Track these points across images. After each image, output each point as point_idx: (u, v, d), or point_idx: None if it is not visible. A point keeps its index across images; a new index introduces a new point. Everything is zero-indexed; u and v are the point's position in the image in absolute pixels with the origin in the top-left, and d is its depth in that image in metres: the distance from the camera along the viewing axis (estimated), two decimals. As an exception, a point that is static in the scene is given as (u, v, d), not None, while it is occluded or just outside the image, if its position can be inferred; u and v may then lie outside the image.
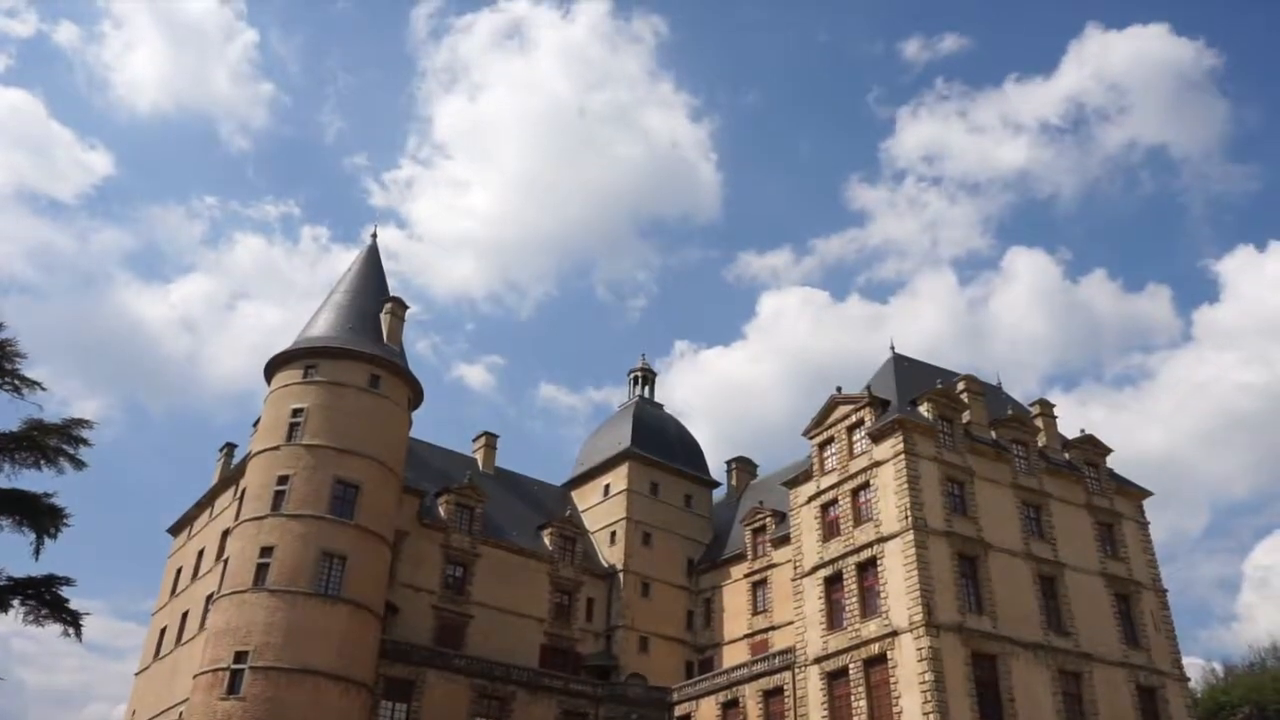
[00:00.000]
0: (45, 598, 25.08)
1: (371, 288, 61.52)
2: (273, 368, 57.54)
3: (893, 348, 58.07)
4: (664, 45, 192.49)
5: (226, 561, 52.00)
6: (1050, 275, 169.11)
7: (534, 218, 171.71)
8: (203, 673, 48.30)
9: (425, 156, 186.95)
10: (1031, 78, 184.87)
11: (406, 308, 60.25)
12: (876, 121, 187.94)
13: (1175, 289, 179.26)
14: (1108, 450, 58.28)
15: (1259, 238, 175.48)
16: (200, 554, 62.52)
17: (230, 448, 67.37)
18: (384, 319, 59.54)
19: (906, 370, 56.63)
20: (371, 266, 63.19)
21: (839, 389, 55.44)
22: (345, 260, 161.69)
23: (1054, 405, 59.31)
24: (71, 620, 25.51)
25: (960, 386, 55.43)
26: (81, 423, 25.58)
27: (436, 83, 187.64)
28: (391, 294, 61.03)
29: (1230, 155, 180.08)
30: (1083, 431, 58.72)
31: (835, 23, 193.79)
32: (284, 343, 58.47)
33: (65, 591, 25.30)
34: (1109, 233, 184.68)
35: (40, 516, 24.90)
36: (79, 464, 25.53)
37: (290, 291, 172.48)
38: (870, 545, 49.07)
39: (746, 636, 62.14)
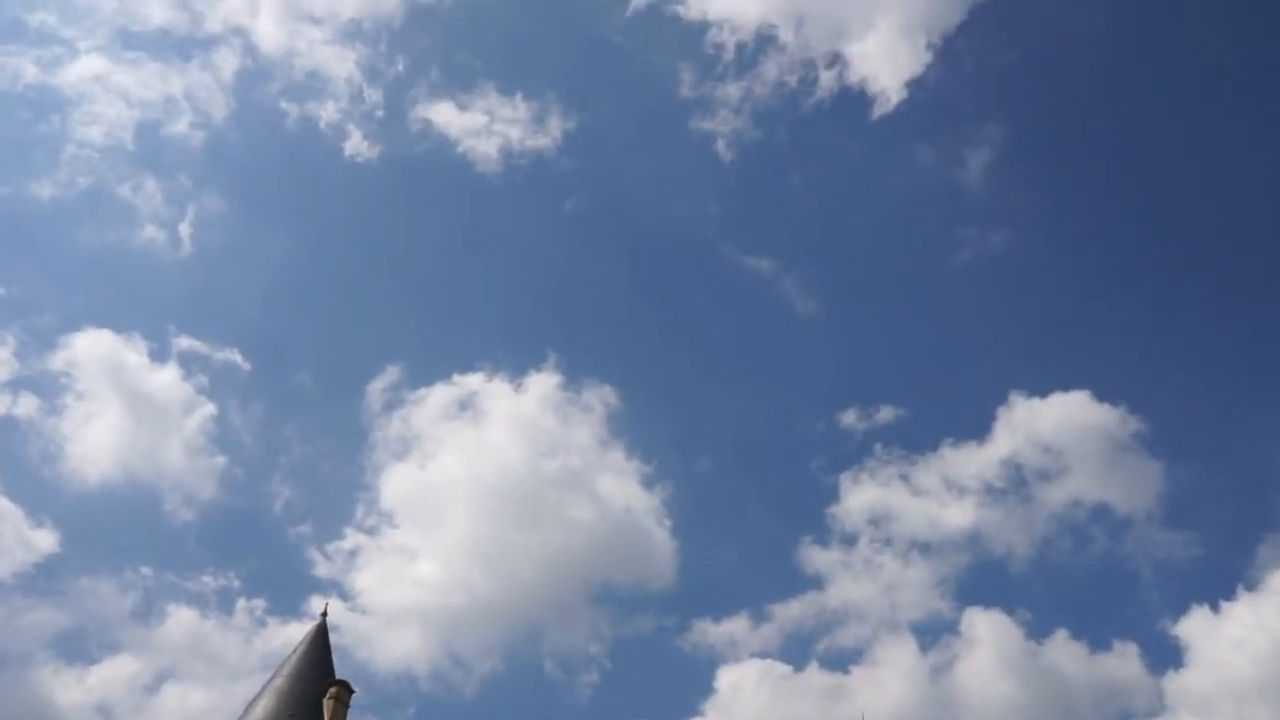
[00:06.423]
0: None
1: (316, 670, 56.53)
2: (198, 766, 51.31)
3: (871, 724, 53.99)
4: (614, 415, 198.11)
5: None
6: (1012, 637, 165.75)
7: (482, 584, 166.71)
8: None
9: (371, 525, 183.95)
10: (966, 442, 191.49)
11: (353, 692, 55.11)
12: (821, 487, 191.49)
13: (1142, 647, 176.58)
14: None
15: (1210, 599, 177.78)
16: None
17: None
18: (327, 704, 54.25)
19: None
20: (318, 647, 58.50)
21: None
22: (281, 635, 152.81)
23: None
24: None
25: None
26: None
27: (388, 452, 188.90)
28: (338, 676, 56.14)
29: (1170, 519, 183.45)
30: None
31: (776, 397, 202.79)
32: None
33: None
34: (1066, 592, 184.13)
35: None
36: None
37: (219, 670, 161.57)
38: None
39: None
